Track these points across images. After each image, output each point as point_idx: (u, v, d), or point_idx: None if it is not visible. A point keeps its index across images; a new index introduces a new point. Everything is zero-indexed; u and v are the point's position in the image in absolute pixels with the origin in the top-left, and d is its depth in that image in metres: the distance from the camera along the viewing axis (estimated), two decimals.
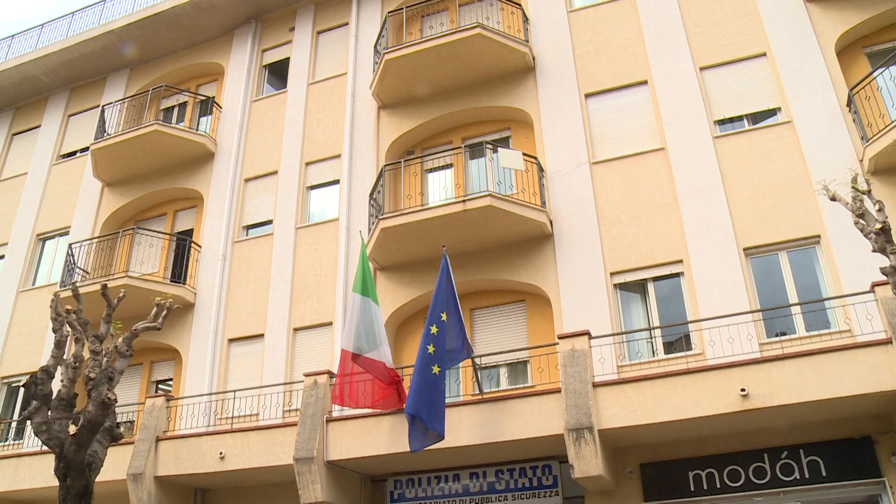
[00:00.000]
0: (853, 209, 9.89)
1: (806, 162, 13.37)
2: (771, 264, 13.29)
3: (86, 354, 12.81)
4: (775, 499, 11.33)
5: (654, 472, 11.86)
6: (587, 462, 10.62)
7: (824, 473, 11.12)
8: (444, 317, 11.42)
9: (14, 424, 17.97)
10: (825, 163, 13.04)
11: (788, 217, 13.17)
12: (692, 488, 11.62)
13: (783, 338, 11.98)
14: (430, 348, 11.28)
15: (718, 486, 11.53)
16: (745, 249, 13.26)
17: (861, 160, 12.93)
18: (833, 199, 10.24)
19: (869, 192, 9.94)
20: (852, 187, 10.01)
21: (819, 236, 12.91)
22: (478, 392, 12.62)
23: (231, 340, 16.67)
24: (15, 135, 23.40)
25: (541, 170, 14.96)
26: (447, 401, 11.56)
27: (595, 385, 11.15)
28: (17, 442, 17.58)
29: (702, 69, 15.03)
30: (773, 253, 13.28)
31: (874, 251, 9.64)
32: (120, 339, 13.00)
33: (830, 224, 12.73)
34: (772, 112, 14.36)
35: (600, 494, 11.86)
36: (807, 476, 11.18)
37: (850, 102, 13.39)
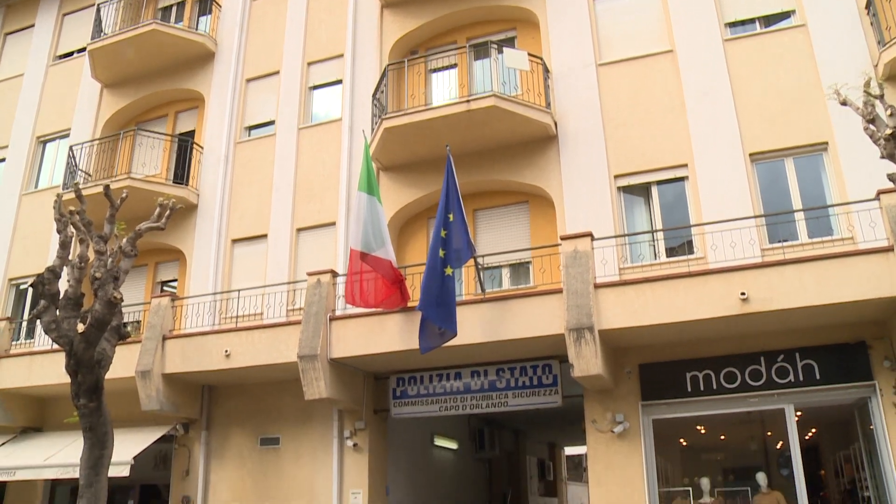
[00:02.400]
0: (864, 114, 9.73)
1: (818, 67, 13.09)
2: (776, 170, 13.19)
3: (91, 255, 12.90)
4: (770, 400, 11.60)
5: (653, 372, 12.08)
6: (587, 361, 10.79)
7: (818, 376, 11.36)
8: (451, 217, 11.40)
9: (25, 324, 18.23)
10: (838, 68, 12.75)
11: (796, 123, 12.99)
12: (689, 389, 11.87)
13: (785, 244, 11.97)
14: (441, 252, 11.31)
15: (715, 387, 11.77)
16: (750, 155, 13.14)
17: (876, 65, 12.64)
18: (844, 103, 10.05)
19: (881, 97, 9.76)
20: (864, 91, 9.81)
21: (826, 143, 12.77)
22: (480, 292, 12.74)
23: (234, 241, 16.73)
24: (8, 34, 22.86)
25: (546, 71, 14.70)
26: None
27: (596, 286, 11.22)
28: (28, 341, 17.87)
29: None
30: (779, 159, 13.16)
31: (882, 157, 9.54)
32: (124, 240, 13.06)
33: (839, 131, 12.56)
34: (786, 14, 13.97)
35: (599, 393, 12.11)
36: (801, 379, 11.41)
37: (869, 5, 13.02)
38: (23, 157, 20.35)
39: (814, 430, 15.81)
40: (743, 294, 10.45)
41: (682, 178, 13.56)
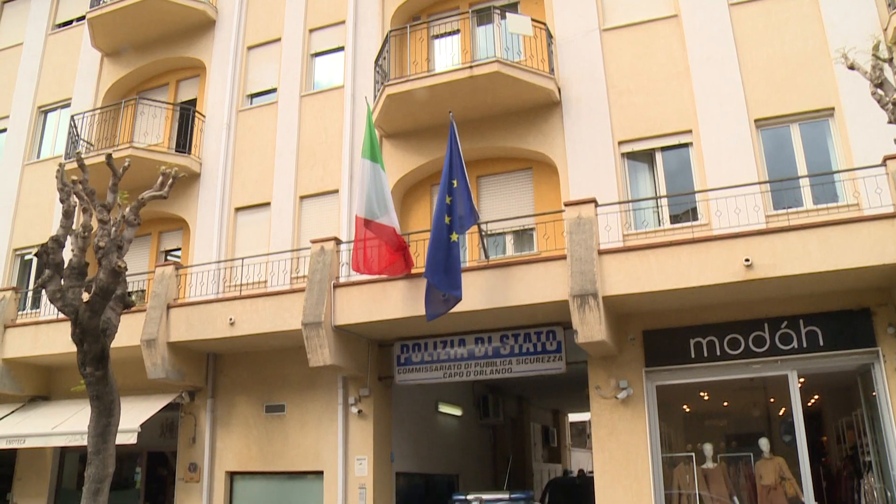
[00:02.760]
0: (872, 78, 9.62)
1: (825, 31, 12.93)
2: (782, 136, 13.10)
3: (94, 224, 12.90)
4: (773, 366, 11.62)
5: (656, 339, 12.10)
6: (591, 328, 10.81)
7: (822, 343, 11.36)
8: (454, 184, 11.36)
9: (30, 294, 18.30)
10: (846, 33, 12.56)
11: (803, 88, 12.87)
12: (693, 355, 11.90)
13: (790, 210, 11.91)
14: (447, 219, 11.28)
15: (718, 353, 11.79)
16: (756, 121, 13.03)
17: (885, 28, 12.47)
18: (851, 67, 9.93)
19: (890, 61, 9.65)
20: (873, 55, 9.69)
21: (833, 109, 12.66)
22: (484, 258, 12.73)
23: (238, 209, 16.72)
24: (6, 2, 22.66)
25: (549, 36, 14.56)
26: None
27: (600, 252, 11.21)
28: (34, 311, 17.96)
29: None
30: (785, 125, 13.06)
31: (890, 122, 9.45)
32: (127, 209, 13.06)
33: (846, 96, 12.44)
34: None
35: (603, 360, 12.15)
36: (804, 345, 11.42)
37: None
38: (24, 127, 20.28)
39: (816, 397, 15.87)
40: (747, 260, 10.42)
41: (686, 145, 13.48)
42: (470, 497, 11.86)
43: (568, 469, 27.58)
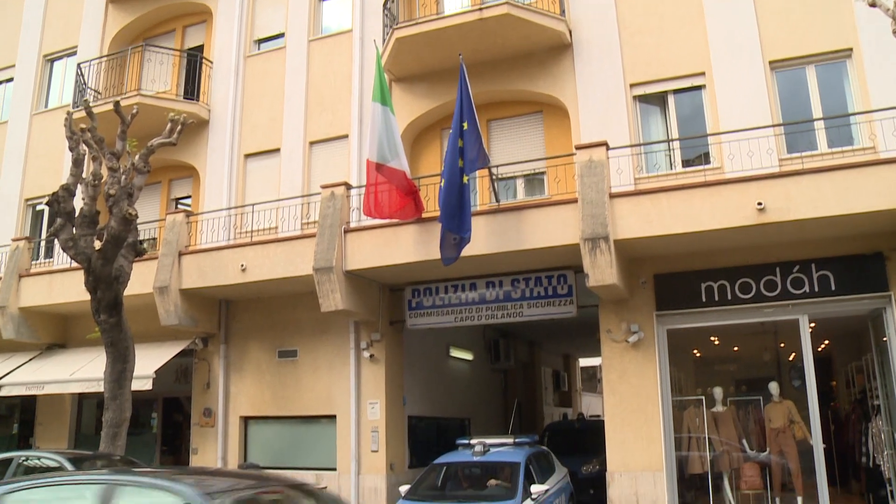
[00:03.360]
0: (894, 15, 9.41)
1: None
2: (797, 79, 12.88)
3: (104, 172, 12.91)
4: (784, 310, 11.62)
5: (668, 282, 12.10)
6: (602, 271, 10.79)
7: (833, 287, 11.34)
8: (465, 126, 11.24)
9: (43, 243, 18.41)
10: None
11: (819, 29, 12.59)
12: (704, 299, 11.89)
13: (804, 154, 11.76)
14: (460, 162, 11.19)
15: (730, 297, 11.78)
16: (770, 62, 12.80)
17: None
18: (873, 4, 9.70)
19: None
20: None
21: (851, 50, 12.39)
22: (495, 202, 12.67)
23: (247, 156, 16.66)
24: None
25: None
26: None
27: (612, 196, 11.15)
28: (47, 260, 18.07)
29: None
30: (801, 67, 12.83)
31: None
32: (136, 156, 13.05)
33: (865, 36, 12.17)
34: None
35: (614, 303, 12.17)
36: (816, 289, 11.39)
37: None
38: (31, 76, 20.16)
39: (826, 342, 15.90)
40: (759, 204, 10.35)
41: (699, 87, 13.28)
42: (473, 441, 11.83)
43: (570, 414, 27.74)
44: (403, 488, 11.34)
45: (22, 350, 17.10)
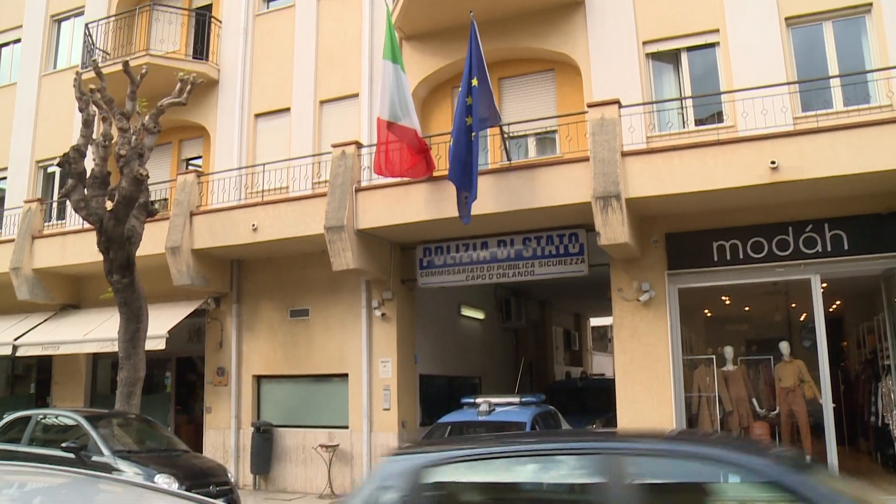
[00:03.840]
0: None
1: None
2: (813, 35, 12.66)
3: (114, 133, 12.91)
4: (796, 270, 11.56)
5: (679, 241, 12.05)
6: (614, 230, 10.77)
7: (846, 247, 11.27)
8: (475, 83, 11.12)
9: (55, 205, 18.48)
10: None
11: None
12: (716, 258, 11.84)
13: (819, 112, 11.61)
14: (468, 119, 11.11)
15: (741, 256, 11.73)
16: (786, 19, 12.57)
17: None
18: None
19: None
20: None
21: (870, 5, 12.15)
22: (506, 160, 12.61)
23: (257, 115, 16.60)
24: None
25: None
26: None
27: (624, 154, 11.07)
28: (60, 222, 18.16)
29: None
30: (817, 23, 12.60)
31: None
32: (146, 116, 13.04)
33: None
34: None
35: (625, 262, 12.14)
36: (829, 249, 11.32)
37: None
38: (38, 37, 20.05)
39: (838, 302, 15.88)
40: (773, 163, 10.26)
41: (713, 45, 13.08)
42: (479, 400, 11.66)
43: (579, 372, 27.84)
44: None
45: (37, 311, 17.27)
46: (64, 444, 10.33)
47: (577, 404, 16.21)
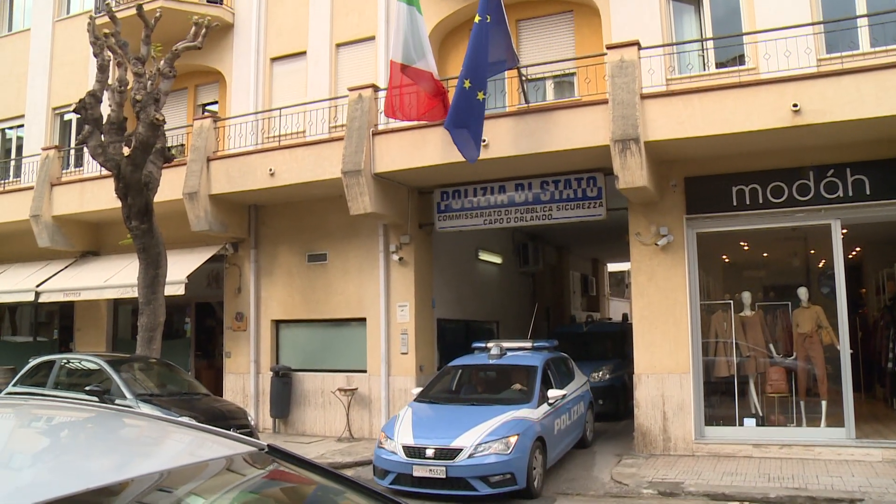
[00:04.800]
0: None
1: None
2: None
3: (129, 78, 12.86)
4: (816, 215, 11.45)
5: (698, 185, 11.94)
6: (632, 173, 10.67)
7: (868, 192, 11.11)
8: (488, 19, 10.81)
9: (73, 152, 18.53)
10: None
11: None
12: (735, 203, 11.73)
13: (844, 53, 11.33)
14: (467, 83, 10.69)
15: (761, 201, 11.60)
16: None
17: None
18: None
19: None
20: None
21: None
22: (524, 103, 12.47)
23: (273, 59, 16.46)
24: None
25: None
26: (495, 111, 11.66)
27: (643, 96, 10.93)
28: (77, 169, 18.24)
29: None
30: None
31: None
32: (161, 61, 12.97)
33: None
34: None
35: (643, 206, 12.06)
36: (850, 194, 11.17)
37: None
38: None
39: (858, 249, 15.74)
40: (795, 105, 10.08)
41: None
42: (490, 344, 11.82)
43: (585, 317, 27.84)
44: (416, 390, 11.44)
45: (57, 258, 17.45)
46: (88, 388, 10.53)
47: (581, 351, 16.09)
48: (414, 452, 9.35)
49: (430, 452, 9.25)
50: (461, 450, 9.15)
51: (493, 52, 11.07)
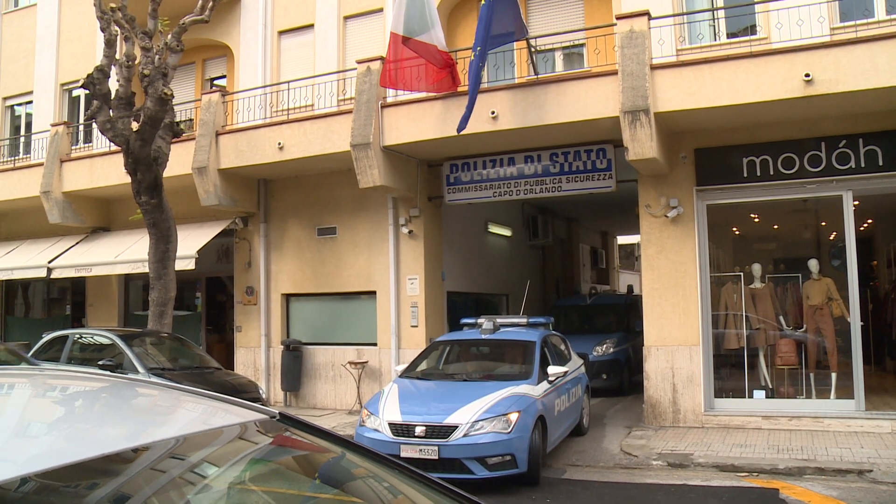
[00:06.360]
0: None
1: None
2: None
3: (137, 53, 12.83)
4: (828, 186, 11.36)
5: (709, 157, 11.87)
6: (642, 145, 10.61)
7: (881, 163, 11.00)
8: None
9: (82, 128, 18.54)
10: None
11: None
12: (745, 174, 11.65)
13: (858, 21, 11.17)
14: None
15: (772, 172, 11.52)
16: None
17: None
18: None
19: None
20: None
21: None
22: (533, 74, 12.38)
23: (281, 33, 16.36)
24: None
25: None
26: (504, 83, 11.55)
27: (653, 67, 10.83)
28: (87, 145, 18.25)
29: None
30: None
31: None
32: (169, 35, 12.92)
33: None
34: None
35: (653, 178, 12.00)
36: (862, 165, 11.07)
37: None
38: None
39: (869, 221, 15.65)
40: (807, 75, 9.97)
41: None
42: (481, 320, 11.02)
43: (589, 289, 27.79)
44: (399, 367, 10.84)
45: (68, 234, 17.54)
46: (101, 362, 10.64)
47: (585, 323, 15.97)
48: (401, 430, 8.50)
49: (419, 430, 8.41)
50: (456, 427, 8.32)
51: (502, 24, 10.98)
